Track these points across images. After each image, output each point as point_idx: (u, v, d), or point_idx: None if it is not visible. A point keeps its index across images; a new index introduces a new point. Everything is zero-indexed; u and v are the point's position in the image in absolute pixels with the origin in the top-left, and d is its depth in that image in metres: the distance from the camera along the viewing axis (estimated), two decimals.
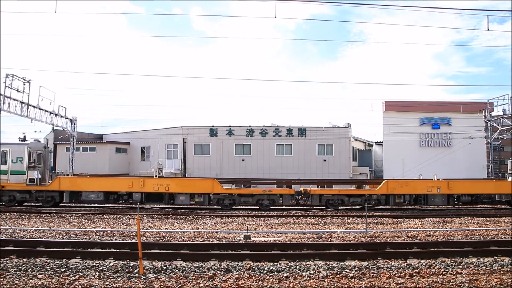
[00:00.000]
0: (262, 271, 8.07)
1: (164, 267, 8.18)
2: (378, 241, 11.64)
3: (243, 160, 36.43)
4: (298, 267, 8.35)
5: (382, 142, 38.09)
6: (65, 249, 9.84)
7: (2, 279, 7.31)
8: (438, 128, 36.98)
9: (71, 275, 7.65)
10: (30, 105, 23.44)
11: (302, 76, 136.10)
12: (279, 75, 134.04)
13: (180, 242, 11.02)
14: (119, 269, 8.09)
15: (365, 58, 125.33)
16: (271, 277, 7.73)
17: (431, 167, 31.72)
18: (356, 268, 8.29)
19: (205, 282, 7.36)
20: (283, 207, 21.95)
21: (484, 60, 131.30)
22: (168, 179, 24.00)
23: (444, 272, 8.06)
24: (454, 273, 8.02)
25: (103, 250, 9.63)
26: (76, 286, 7.00)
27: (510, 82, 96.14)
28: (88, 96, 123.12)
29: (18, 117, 22.86)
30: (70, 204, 22.37)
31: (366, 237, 12.41)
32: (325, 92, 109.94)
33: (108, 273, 7.88)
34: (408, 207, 22.67)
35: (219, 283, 7.28)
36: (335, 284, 7.22)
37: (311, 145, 36.37)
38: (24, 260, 8.62)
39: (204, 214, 18.78)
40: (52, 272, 7.83)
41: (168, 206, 21.86)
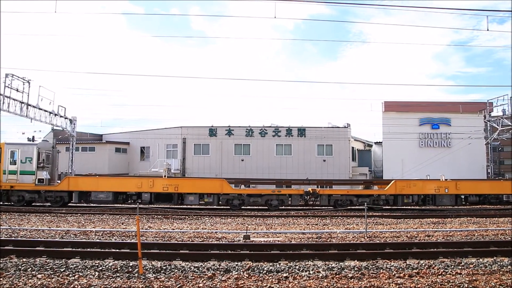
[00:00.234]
0: (262, 271, 8.08)
1: (164, 267, 8.19)
2: (378, 241, 11.64)
3: (242, 160, 36.45)
4: (297, 267, 8.35)
5: (382, 142, 38.14)
6: (64, 249, 9.84)
7: (1, 279, 7.30)
8: (437, 128, 37.00)
9: (70, 275, 7.65)
10: (30, 105, 23.44)
11: (302, 76, 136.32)
12: (278, 75, 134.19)
13: (180, 242, 11.02)
14: (119, 269, 8.09)
15: (364, 58, 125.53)
16: (271, 277, 7.74)
17: (430, 167, 31.69)
18: (356, 268, 8.30)
19: (204, 282, 7.36)
20: (292, 207, 21.72)
21: (483, 60, 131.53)
22: (177, 179, 23.95)
23: (443, 273, 8.06)
24: (454, 273, 8.02)
25: (102, 250, 9.63)
26: (76, 286, 7.00)
27: (510, 82, 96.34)
28: (87, 96, 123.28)
29: (18, 117, 22.88)
30: (78, 204, 22.30)
31: (366, 237, 12.41)
32: (324, 92, 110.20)
33: (107, 273, 7.89)
34: (408, 207, 22.68)
35: (219, 283, 7.28)
36: (335, 284, 7.22)
37: (311, 145, 36.40)
38: (24, 259, 8.62)
39: (203, 214, 18.79)
40: (52, 272, 7.83)
41: (168, 206, 21.86)
